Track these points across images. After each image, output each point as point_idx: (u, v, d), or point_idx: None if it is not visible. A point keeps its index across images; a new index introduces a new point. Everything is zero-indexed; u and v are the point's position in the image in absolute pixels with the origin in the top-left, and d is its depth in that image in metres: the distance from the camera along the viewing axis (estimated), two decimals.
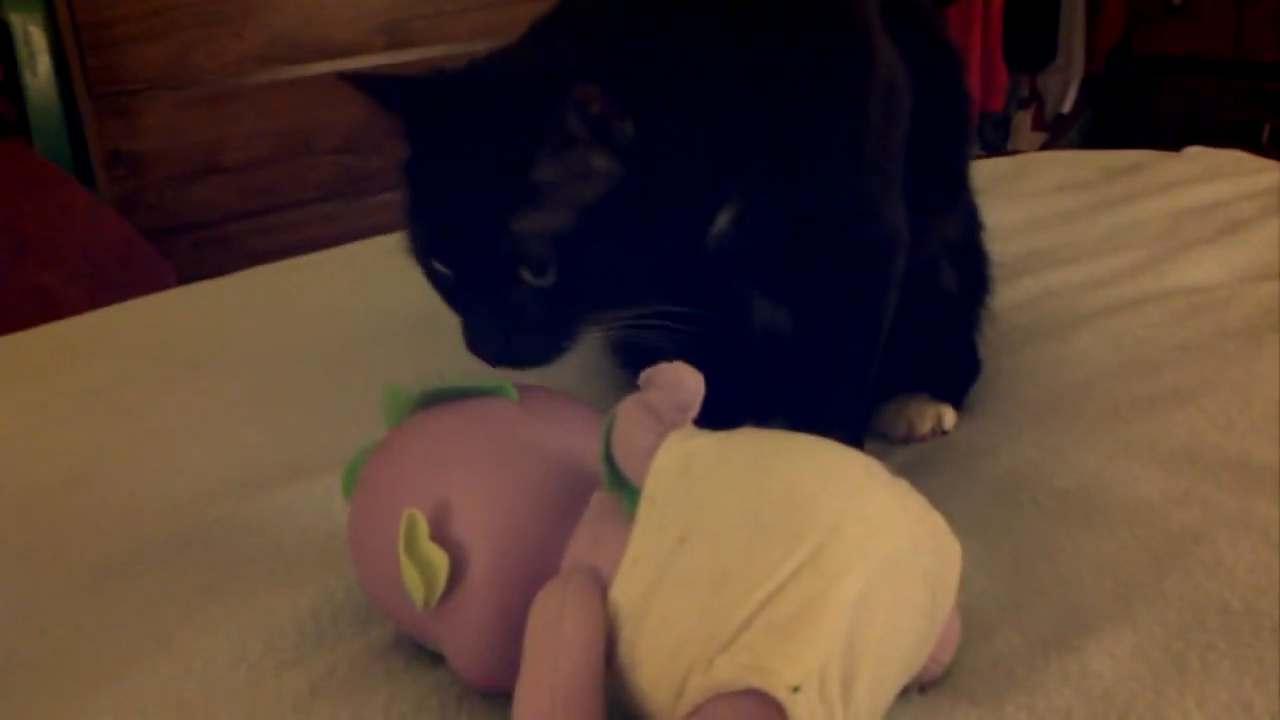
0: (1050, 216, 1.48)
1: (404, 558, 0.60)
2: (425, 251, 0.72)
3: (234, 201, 2.25)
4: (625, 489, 0.60)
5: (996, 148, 2.98)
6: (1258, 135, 2.59)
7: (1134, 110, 3.06)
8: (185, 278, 1.75)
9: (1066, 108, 3.07)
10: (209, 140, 2.23)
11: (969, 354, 1.03)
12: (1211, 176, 1.56)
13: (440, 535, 0.61)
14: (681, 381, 0.60)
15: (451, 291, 0.72)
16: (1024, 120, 3.08)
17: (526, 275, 0.68)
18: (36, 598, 0.81)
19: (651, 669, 0.55)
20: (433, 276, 0.73)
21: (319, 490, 0.89)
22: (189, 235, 2.23)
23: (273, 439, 1.03)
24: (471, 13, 2.37)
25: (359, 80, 0.71)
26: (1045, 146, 2.99)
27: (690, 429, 0.60)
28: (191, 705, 0.66)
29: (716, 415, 0.62)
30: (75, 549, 0.86)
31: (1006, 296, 1.15)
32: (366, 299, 1.40)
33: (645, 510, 0.58)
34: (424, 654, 0.68)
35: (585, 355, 0.76)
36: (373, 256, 1.59)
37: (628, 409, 0.60)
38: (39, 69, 2.20)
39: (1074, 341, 1.08)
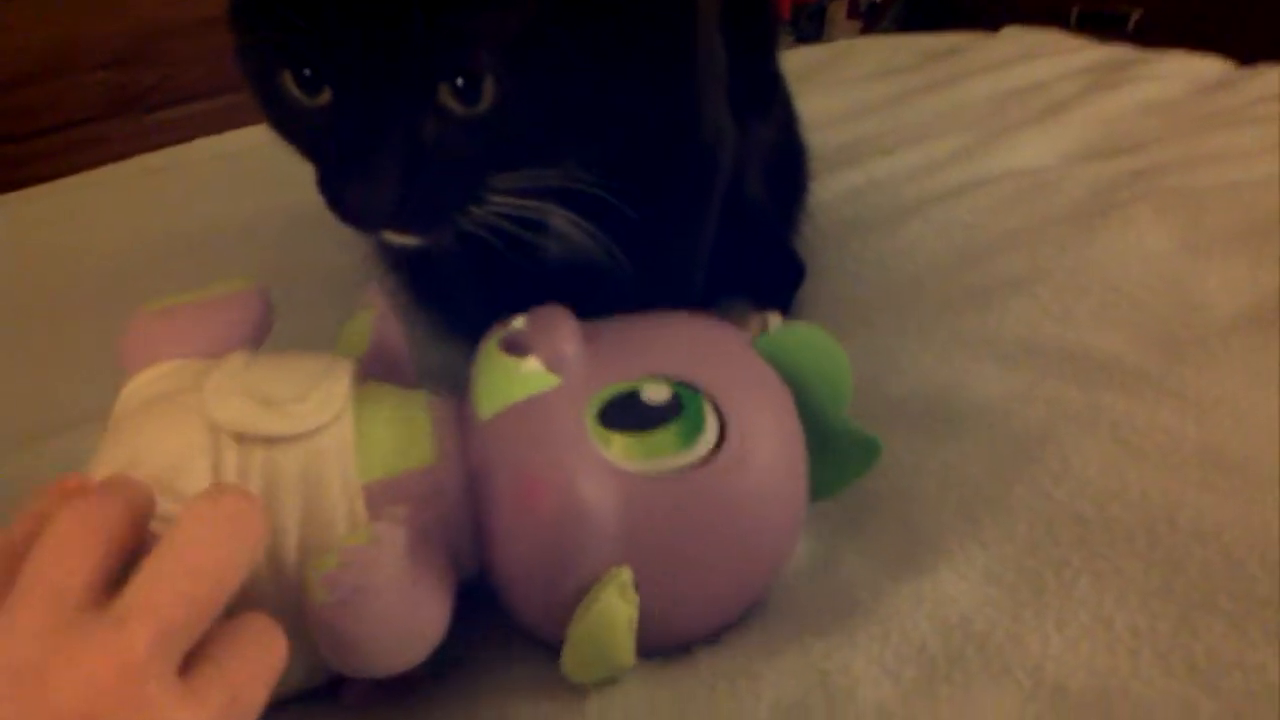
0: (871, 103, 1.42)
1: None
2: (294, 60, 0.51)
3: None
4: None
5: (812, 39, 2.92)
6: (1067, 17, 2.59)
7: None
8: None
9: None
10: None
11: (789, 256, 0.95)
12: (1030, 56, 1.52)
13: None
14: None
15: (324, 132, 0.53)
16: (838, 10, 3.03)
17: (448, 99, 0.52)
18: None
19: None
20: (293, 114, 0.53)
21: (51, 454, 0.76)
22: None
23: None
24: None
25: None
26: (861, 35, 2.94)
27: None
28: None
29: None
30: None
31: (830, 189, 1.08)
32: (114, 230, 1.23)
33: None
34: None
35: None
36: (118, 180, 1.43)
37: None
38: None
39: (901, 233, 1.01)
